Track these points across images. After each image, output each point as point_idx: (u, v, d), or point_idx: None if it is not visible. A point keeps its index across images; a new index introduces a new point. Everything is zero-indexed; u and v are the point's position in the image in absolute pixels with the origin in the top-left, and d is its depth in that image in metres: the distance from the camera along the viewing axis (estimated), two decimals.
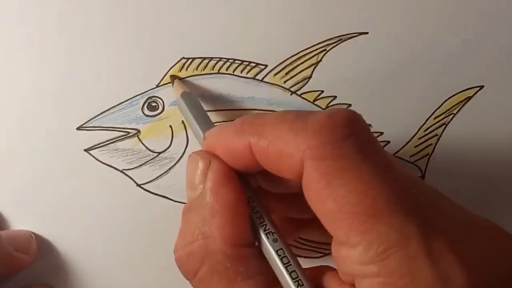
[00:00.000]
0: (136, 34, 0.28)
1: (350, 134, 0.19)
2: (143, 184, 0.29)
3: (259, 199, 0.23)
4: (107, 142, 0.29)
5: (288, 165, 0.20)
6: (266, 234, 0.21)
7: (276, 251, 0.21)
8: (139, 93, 0.29)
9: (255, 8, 0.28)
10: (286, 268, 0.21)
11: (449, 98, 0.30)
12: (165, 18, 0.28)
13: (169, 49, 0.28)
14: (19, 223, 0.29)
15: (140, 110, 0.29)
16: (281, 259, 0.21)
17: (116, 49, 0.28)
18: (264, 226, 0.22)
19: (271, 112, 0.29)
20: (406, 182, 0.19)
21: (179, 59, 0.28)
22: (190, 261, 0.21)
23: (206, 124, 0.25)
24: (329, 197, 0.19)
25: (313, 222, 0.27)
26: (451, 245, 0.18)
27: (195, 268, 0.21)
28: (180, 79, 0.29)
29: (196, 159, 0.23)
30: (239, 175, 0.22)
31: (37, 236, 0.29)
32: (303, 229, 0.28)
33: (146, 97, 0.29)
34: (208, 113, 0.29)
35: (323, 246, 0.30)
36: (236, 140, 0.21)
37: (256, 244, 0.22)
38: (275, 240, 0.21)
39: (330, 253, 0.22)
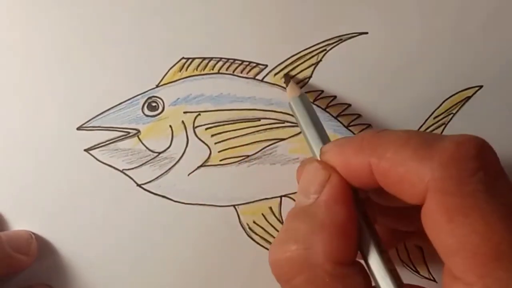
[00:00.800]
0: (136, 34, 0.28)
1: (478, 168, 0.19)
2: (143, 184, 0.29)
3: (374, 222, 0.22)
4: (107, 142, 0.29)
5: (410, 192, 0.19)
6: (385, 267, 0.21)
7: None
8: (139, 93, 0.29)
9: (255, 8, 0.28)
10: None
11: (448, 98, 0.30)
12: (165, 18, 0.28)
13: (169, 49, 0.28)
14: (19, 223, 0.29)
15: (140, 110, 0.29)
16: None
17: (116, 49, 0.28)
18: (384, 255, 0.21)
19: (392, 130, 0.29)
20: None
21: (179, 59, 0.28)
22: (287, 268, 0.21)
23: (322, 135, 0.25)
24: (450, 232, 0.18)
25: (416, 234, 0.26)
26: None
27: (291, 275, 0.21)
28: (293, 79, 0.28)
29: (317, 168, 0.22)
30: (354, 191, 0.22)
31: (37, 236, 0.29)
32: (403, 240, 0.27)
33: (146, 97, 0.29)
34: (208, 113, 0.29)
35: None
36: (356, 158, 0.21)
37: (357, 260, 0.21)
38: (394, 274, 0.21)
39: None
